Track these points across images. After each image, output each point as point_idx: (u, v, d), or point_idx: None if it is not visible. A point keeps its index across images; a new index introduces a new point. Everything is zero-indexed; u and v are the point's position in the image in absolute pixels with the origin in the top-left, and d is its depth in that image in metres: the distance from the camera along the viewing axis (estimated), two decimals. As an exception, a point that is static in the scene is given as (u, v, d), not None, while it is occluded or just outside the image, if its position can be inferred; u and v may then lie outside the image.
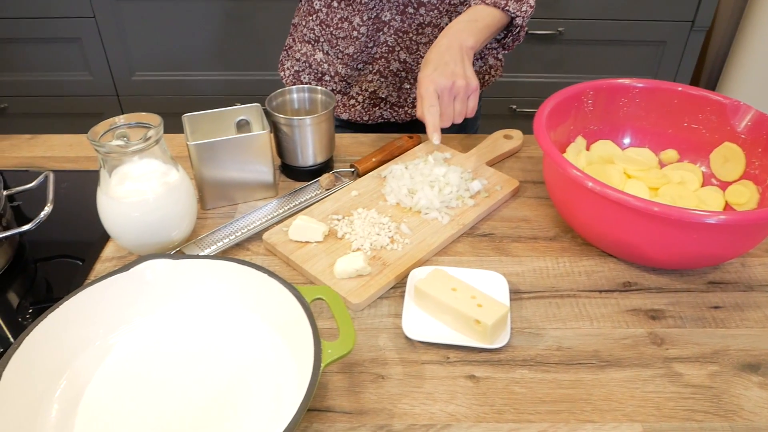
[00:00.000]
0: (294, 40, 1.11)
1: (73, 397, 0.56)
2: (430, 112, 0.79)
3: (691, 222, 0.61)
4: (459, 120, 0.82)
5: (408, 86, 1.04)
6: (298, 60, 1.08)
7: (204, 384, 0.58)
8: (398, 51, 1.00)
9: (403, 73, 1.03)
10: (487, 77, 1.09)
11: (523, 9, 0.88)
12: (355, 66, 1.02)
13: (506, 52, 0.97)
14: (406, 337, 0.63)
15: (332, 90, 1.05)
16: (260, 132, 0.78)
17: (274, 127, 0.82)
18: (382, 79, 1.03)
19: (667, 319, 0.66)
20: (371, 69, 1.03)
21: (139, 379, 0.58)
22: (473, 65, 1.04)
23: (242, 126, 0.84)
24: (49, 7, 1.91)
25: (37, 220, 0.70)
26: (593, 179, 0.64)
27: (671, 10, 1.88)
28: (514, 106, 2.01)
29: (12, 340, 0.66)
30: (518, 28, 0.90)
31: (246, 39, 1.97)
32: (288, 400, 0.56)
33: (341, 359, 0.54)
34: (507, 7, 0.86)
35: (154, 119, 0.69)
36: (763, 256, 0.74)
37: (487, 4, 0.87)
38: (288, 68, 1.12)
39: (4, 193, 0.72)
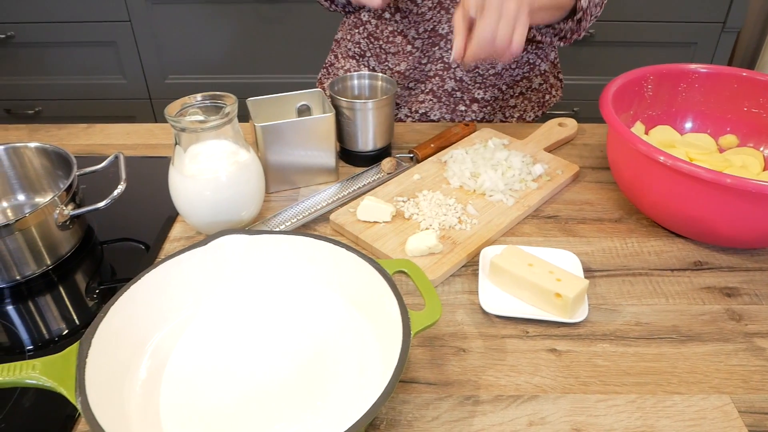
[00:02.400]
0: (336, 56, 1.08)
1: (157, 365, 0.57)
2: (458, 19, 0.69)
3: (763, 194, 0.61)
4: (499, 42, 0.68)
5: (463, 108, 1.01)
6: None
7: (286, 356, 0.58)
8: (455, 68, 0.97)
9: (459, 93, 1.00)
10: (547, 97, 1.08)
11: None
12: (405, 85, 1.00)
13: (562, 44, 0.95)
14: (483, 313, 0.63)
15: None
16: (326, 114, 0.79)
17: (336, 112, 0.83)
18: (435, 99, 1.01)
19: (743, 296, 0.65)
20: (423, 88, 1.00)
21: (222, 348, 0.59)
22: (533, 81, 1.04)
23: (303, 111, 0.85)
24: (85, 12, 1.94)
25: (110, 198, 0.70)
26: (665, 153, 0.64)
27: (702, 11, 1.88)
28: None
29: (77, 321, 0.67)
30: (581, 13, 0.84)
31: (277, 42, 2.00)
32: (372, 370, 0.56)
33: (428, 329, 0.55)
34: None
35: (229, 98, 0.69)
36: (834, 237, 0.73)
37: None
38: (328, 87, 1.10)
39: (76, 174, 0.73)
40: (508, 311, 0.62)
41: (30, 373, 0.49)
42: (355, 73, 0.88)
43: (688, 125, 0.85)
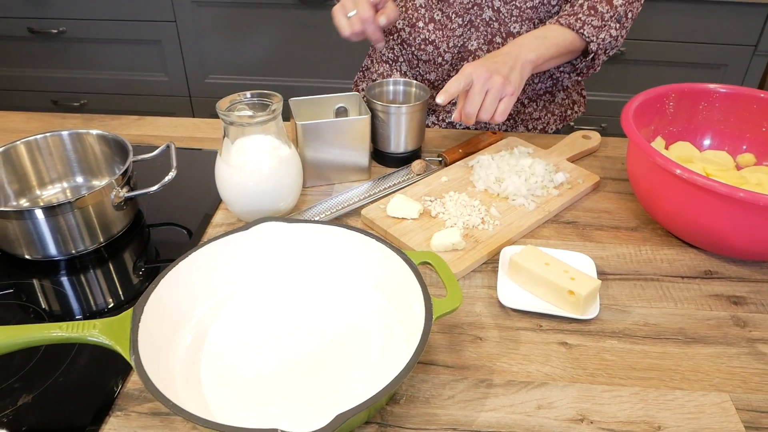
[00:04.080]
0: (372, 61, 1.14)
1: (199, 336, 0.63)
2: (453, 83, 0.79)
3: (778, 209, 0.65)
4: (484, 117, 0.81)
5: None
6: (374, 81, 1.10)
7: (316, 334, 0.63)
8: None
9: None
10: (569, 112, 1.12)
11: (602, 36, 0.89)
12: (434, 94, 1.05)
13: (579, 78, 0.99)
14: (501, 306, 0.68)
15: None
16: (362, 116, 0.84)
17: (372, 114, 0.88)
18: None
19: (749, 305, 0.69)
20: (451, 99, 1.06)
21: (258, 324, 0.64)
22: (555, 96, 1.08)
23: (340, 113, 0.91)
24: (133, 11, 2.03)
25: (162, 183, 0.77)
26: (681, 166, 0.68)
27: (734, 33, 1.90)
28: (572, 124, 2.05)
29: (122, 296, 0.73)
30: (593, 54, 0.91)
31: (315, 47, 2.06)
32: (395, 350, 0.60)
33: (448, 315, 0.59)
34: (582, 30, 0.88)
35: (275, 97, 0.75)
36: (843, 255, 0.76)
37: (562, 24, 0.88)
38: (363, 89, 1.15)
39: (132, 160, 0.79)
40: (524, 305, 0.67)
41: (91, 331, 0.55)
42: (391, 79, 0.94)
43: (707, 142, 0.89)
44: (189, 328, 0.63)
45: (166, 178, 0.77)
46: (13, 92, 2.24)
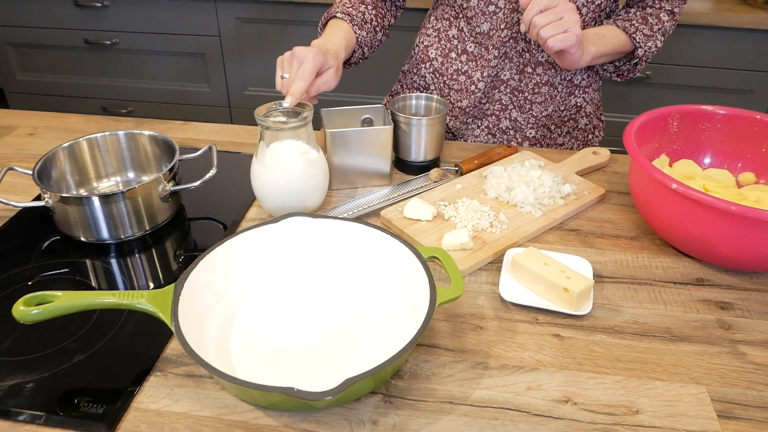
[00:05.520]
0: (402, 86, 1.22)
1: (229, 313, 0.71)
2: (535, 1, 0.86)
3: (764, 221, 0.70)
4: (545, 33, 0.86)
5: (515, 144, 1.13)
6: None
7: (333, 315, 0.71)
8: (511, 109, 1.10)
9: (512, 132, 1.12)
10: (591, 137, 1.19)
11: (649, 45, 1.00)
12: (464, 119, 1.13)
13: (618, 79, 1.08)
14: (502, 300, 0.74)
15: None
16: (385, 127, 0.92)
17: (395, 126, 0.96)
18: (490, 135, 1.13)
19: (736, 311, 0.74)
20: (479, 124, 1.12)
21: (282, 305, 0.72)
22: (578, 122, 1.15)
23: (366, 123, 0.99)
24: (181, 25, 2.16)
25: (203, 180, 0.86)
26: (676, 180, 0.74)
27: (760, 60, 1.93)
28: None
29: (163, 280, 0.81)
30: (637, 59, 1.01)
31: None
32: (401, 331, 0.67)
33: (451, 302, 0.66)
34: (635, 35, 0.99)
35: (307, 107, 0.84)
36: (831, 269, 0.81)
37: (618, 26, 0.99)
38: (390, 104, 1.22)
39: (178, 158, 0.89)
40: (523, 300, 0.73)
41: (139, 299, 0.63)
42: (414, 93, 1.02)
43: (709, 161, 0.94)
44: (221, 305, 0.71)
45: (207, 175, 0.86)
46: (68, 98, 2.40)
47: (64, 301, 0.62)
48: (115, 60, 2.29)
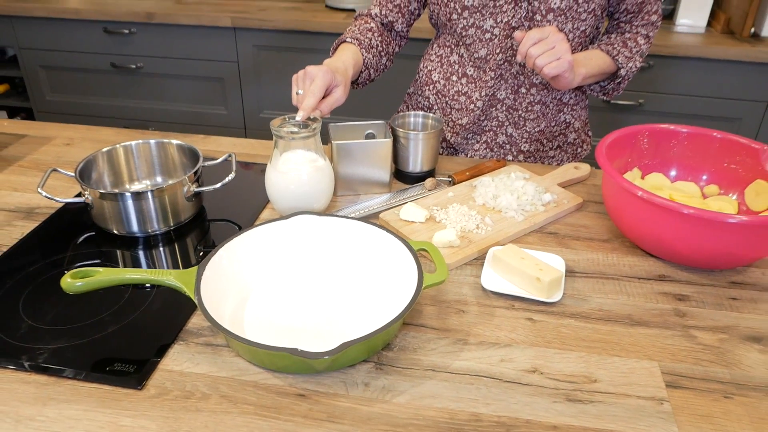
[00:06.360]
0: (407, 107, 1.34)
1: (244, 295, 0.81)
2: (535, 31, 0.97)
3: (714, 221, 0.80)
4: (540, 62, 0.97)
5: (510, 158, 1.25)
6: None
7: (335, 297, 0.81)
8: (507, 125, 1.21)
9: (508, 146, 1.24)
10: (579, 150, 1.30)
11: (629, 65, 1.12)
12: (464, 135, 1.24)
13: (605, 98, 1.19)
14: (483, 289, 0.84)
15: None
16: (385, 140, 1.03)
17: (394, 139, 1.07)
18: (488, 149, 1.25)
19: (691, 302, 0.83)
20: (479, 139, 1.24)
21: (290, 287, 0.83)
22: (568, 136, 1.27)
23: (369, 137, 1.10)
24: (201, 51, 2.31)
25: (223, 182, 0.97)
26: (641, 188, 0.84)
27: (748, 90, 2.04)
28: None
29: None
30: (620, 78, 1.14)
31: (358, 91, 2.29)
32: (393, 310, 0.77)
33: (436, 286, 0.77)
34: (617, 57, 1.11)
35: (316, 120, 0.95)
36: (781, 269, 0.90)
37: (602, 50, 1.11)
38: (391, 120, 1.34)
39: (202, 164, 1.00)
40: (501, 289, 0.83)
41: (168, 276, 0.74)
42: (413, 112, 1.13)
43: (677, 174, 1.04)
44: (237, 287, 0.81)
45: (227, 179, 0.97)
46: (93, 118, 2.54)
47: (104, 275, 0.73)
48: (139, 83, 2.44)
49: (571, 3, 1.07)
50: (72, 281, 0.72)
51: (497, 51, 1.14)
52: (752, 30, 2.04)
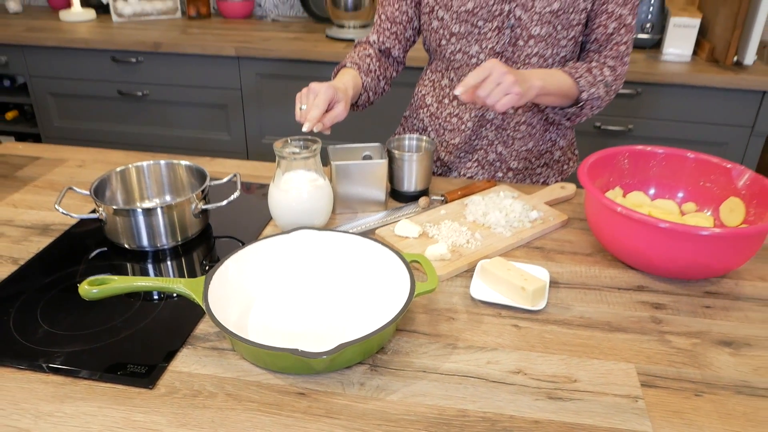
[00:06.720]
0: (404, 129, 1.42)
1: (248, 303, 0.87)
2: (472, 75, 0.99)
3: (688, 234, 0.86)
4: (489, 102, 0.98)
5: (500, 174, 1.32)
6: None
7: (332, 304, 0.87)
8: (496, 144, 1.28)
9: (498, 163, 1.30)
10: (566, 167, 1.37)
11: (592, 90, 1.14)
12: (457, 154, 1.31)
13: (569, 123, 1.25)
14: (472, 299, 0.90)
15: (433, 173, 1.30)
16: (381, 161, 1.10)
17: (390, 161, 1.14)
18: (479, 167, 1.31)
19: (667, 309, 0.89)
20: (470, 158, 1.31)
21: (290, 295, 0.88)
22: (554, 154, 1.33)
23: (366, 158, 1.17)
24: (205, 79, 2.39)
25: (229, 199, 1.03)
26: (620, 204, 0.90)
27: (733, 115, 2.11)
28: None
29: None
30: (582, 102, 1.16)
31: (356, 116, 2.36)
32: (387, 317, 0.83)
33: (427, 294, 0.82)
34: (579, 80, 1.13)
35: (316, 141, 1.02)
36: (753, 279, 0.96)
37: (564, 71, 1.14)
38: (387, 143, 1.40)
39: (208, 183, 1.06)
40: (489, 299, 0.88)
41: (178, 284, 0.80)
42: (407, 135, 1.20)
43: (656, 192, 1.10)
44: (242, 295, 0.87)
45: (232, 196, 1.03)
46: (99, 143, 2.62)
47: (119, 282, 0.79)
48: (145, 110, 2.52)
49: (551, 30, 1.14)
50: (89, 288, 0.77)
51: None
52: (735, 58, 2.13)
